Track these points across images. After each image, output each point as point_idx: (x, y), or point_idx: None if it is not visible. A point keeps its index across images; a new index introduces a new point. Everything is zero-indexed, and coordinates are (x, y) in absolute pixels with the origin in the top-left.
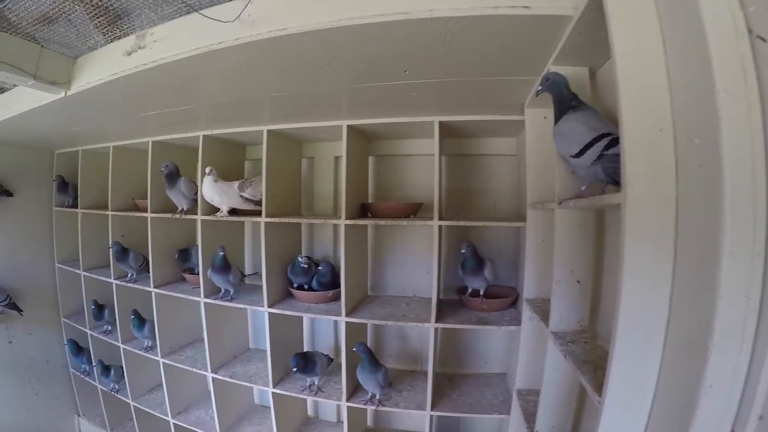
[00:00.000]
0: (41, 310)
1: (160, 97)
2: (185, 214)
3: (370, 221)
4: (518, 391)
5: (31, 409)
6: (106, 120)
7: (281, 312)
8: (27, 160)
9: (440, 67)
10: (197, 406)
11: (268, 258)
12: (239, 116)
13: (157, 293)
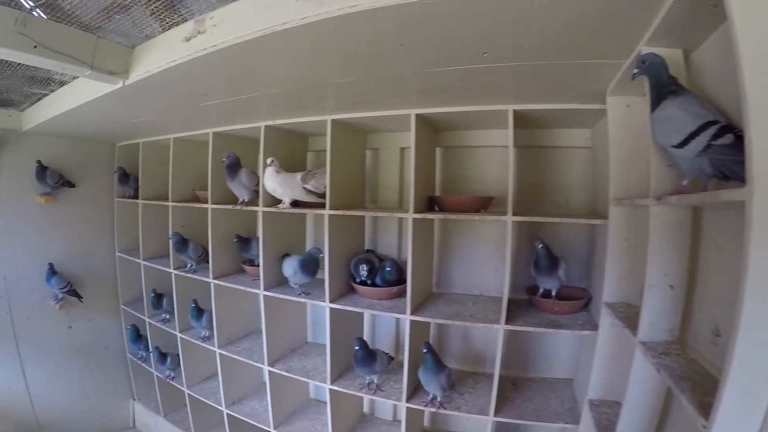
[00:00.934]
0: (101, 298)
1: (220, 84)
2: (246, 206)
3: (438, 215)
4: (590, 401)
5: (87, 392)
6: (166, 111)
7: (343, 308)
8: (89, 152)
9: (521, 48)
10: (251, 398)
11: (331, 252)
12: (302, 105)
13: (216, 284)
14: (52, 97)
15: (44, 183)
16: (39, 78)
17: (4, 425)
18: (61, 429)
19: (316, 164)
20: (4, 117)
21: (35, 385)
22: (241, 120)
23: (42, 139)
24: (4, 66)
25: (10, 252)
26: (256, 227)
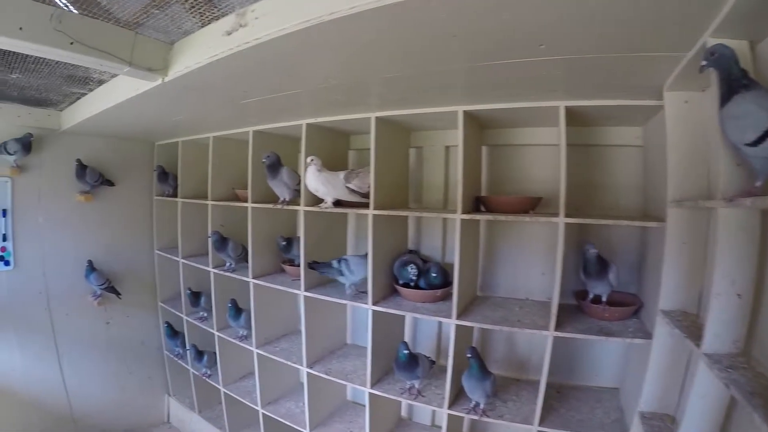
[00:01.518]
0: (139, 294)
1: (262, 79)
2: (287, 205)
3: (486, 216)
4: (642, 413)
5: (123, 387)
6: (206, 109)
7: (386, 311)
8: (128, 151)
9: (578, 41)
10: (288, 398)
11: (375, 253)
12: (345, 102)
13: (255, 284)
14: (90, 96)
15: (84, 181)
16: (77, 77)
17: (41, 417)
18: (96, 422)
19: (358, 163)
20: (44, 117)
21: (71, 379)
22: (282, 118)
23: (82, 138)
24: (42, 65)
25: (50, 249)
26: (296, 227)
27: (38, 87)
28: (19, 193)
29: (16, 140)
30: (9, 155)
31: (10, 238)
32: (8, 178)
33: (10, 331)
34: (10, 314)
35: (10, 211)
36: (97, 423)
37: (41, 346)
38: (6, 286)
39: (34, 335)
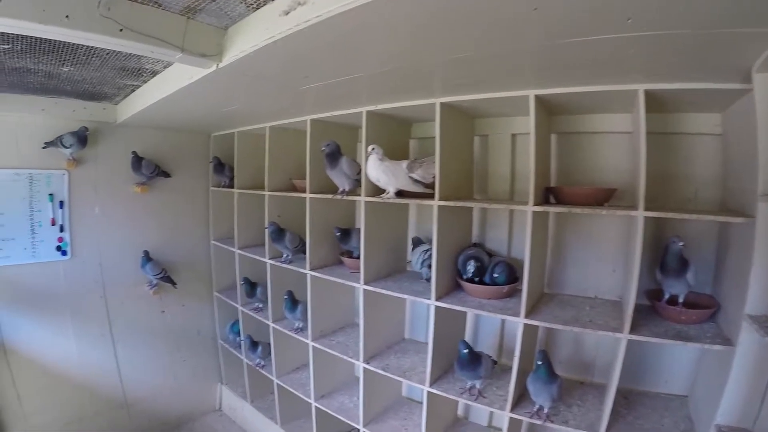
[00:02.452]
0: (195, 284)
1: (321, 63)
2: (347, 195)
3: (559, 208)
4: (718, 426)
5: (176, 374)
6: (263, 97)
7: (450, 307)
8: (184, 143)
9: (668, 15)
10: (341, 392)
11: (439, 246)
12: (408, 87)
13: (312, 276)
14: (144, 88)
15: (140, 173)
16: (130, 68)
17: (94, 401)
18: (148, 408)
19: (419, 152)
20: (99, 110)
21: (126, 366)
22: (341, 106)
23: (137, 130)
24: (92, 56)
25: (106, 239)
26: (355, 218)
27: (91, 80)
28: (76, 186)
29: (72, 134)
30: (65, 148)
31: (67, 228)
32: (65, 171)
33: (67, 318)
34: (67, 302)
35: (67, 202)
36: (149, 409)
37: (97, 334)
38: (63, 275)
39: (90, 323)
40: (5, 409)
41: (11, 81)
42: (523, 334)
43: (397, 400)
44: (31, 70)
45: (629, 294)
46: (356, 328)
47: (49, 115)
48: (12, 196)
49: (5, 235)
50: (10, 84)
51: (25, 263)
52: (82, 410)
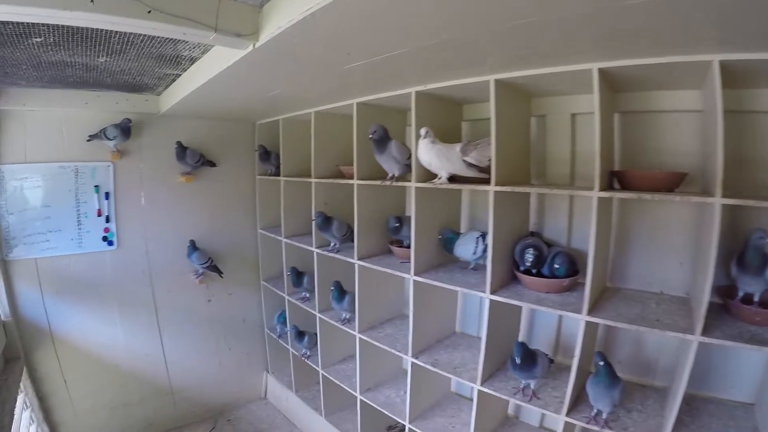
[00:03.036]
0: (241, 273)
1: (363, 36)
2: (396, 181)
3: (628, 194)
4: None
5: (222, 362)
6: (305, 79)
7: (506, 301)
8: (229, 132)
9: None
10: (388, 385)
11: (495, 235)
12: (459, 63)
13: (360, 265)
14: (184, 77)
15: (184, 163)
16: (168, 56)
17: (140, 388)
18: (193, 395)
19: (472, 135)
20: (142, 102)
21: (171, 353)
22: (388, 87)
23: (181, 120)
24: (127, 44)
25: (152, 229)
26: (405, 205)
27: (130, 71)
28: (121, 177)
29: (115, 126)
30: (109, 140)
31: (113, 219)
32: (110, 162)
33: (114, 307)
34: (114, 291)
35: (112, 193)
36: (195, 396)
37: (143, 322)
38: (110, 264)
39: (137, 311)
40: (53, 394)
41: (51, 75)
42: (584, 332)
43: (445, 396)
44: (68, 63)
45: (701, 291)
46: (405, 319)
47: (92, 108)
48: (58, 188)
49: (52, 227)
50: (50, 79)
51: (71, 254)
52: (127, 396)
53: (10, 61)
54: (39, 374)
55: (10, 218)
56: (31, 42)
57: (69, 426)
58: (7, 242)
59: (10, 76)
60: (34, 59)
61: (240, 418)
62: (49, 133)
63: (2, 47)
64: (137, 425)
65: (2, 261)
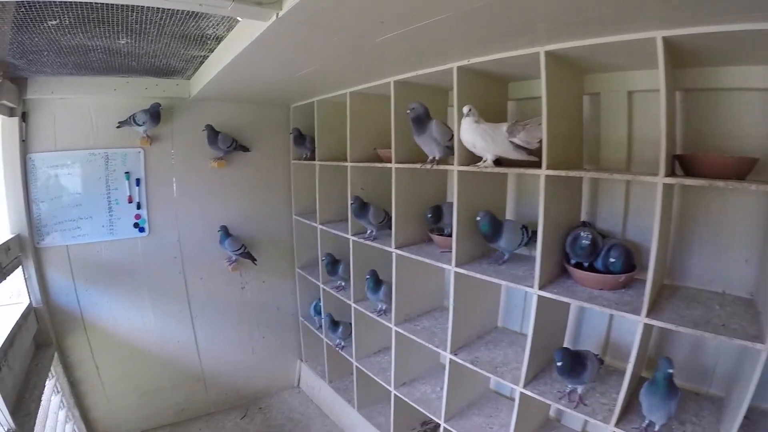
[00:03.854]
0: (276, 260)
1: (398, 3)
2: (437, 164)
3: (696, 181)
4: None
5: (255, 350)
6: (336, 54)
7: (556, 298)
8: (263, 116)
9: None
10: (423, 380)
11: (546, 223)
12: (505, 31)
13: (398, 254)
14: (211, 58)
15: (216, 147)
16: (191, 36)
17: (172, 374)
18: (225, 382)
19: (518, 116)
20: (172, 86)
21: (204, 341)
22: (427, 62)
23: (213, 104)
24: (147, 25)
25: (185, 215)
26: (446, 190)
27: (155, 53)
28: (152, 163)
29: (144, 111)
30: (138, 126)
31: (144, 206)
32: (141, 148)
33: (145, 293)
34: (145, 278)
35: (143, 180)
36: (226, 383)
37: (175, 309)
38: (141, 251)
39: (169, 298)
40: (84, 380)
41: (75, 61)
42: (643, 336)
43: (483, 394)
44: (89, 47)
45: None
46: (444, 312)
47: (121, 94)
48: (89, 175)
49: (83, 214)
50: (75, 65)
51: (103, 241)
52: (159, 382)
53: (30, 47)
54: (71, 360)
55: (41, 206)
56: (48, 25)
57: (100, 410)
58: (39, 230)
59: (34, 64)
60: (53, 44)
61: (272, 407)
62: (79, 120)
63: (20, 32)
64: (168, 410)
65: (34, 248)
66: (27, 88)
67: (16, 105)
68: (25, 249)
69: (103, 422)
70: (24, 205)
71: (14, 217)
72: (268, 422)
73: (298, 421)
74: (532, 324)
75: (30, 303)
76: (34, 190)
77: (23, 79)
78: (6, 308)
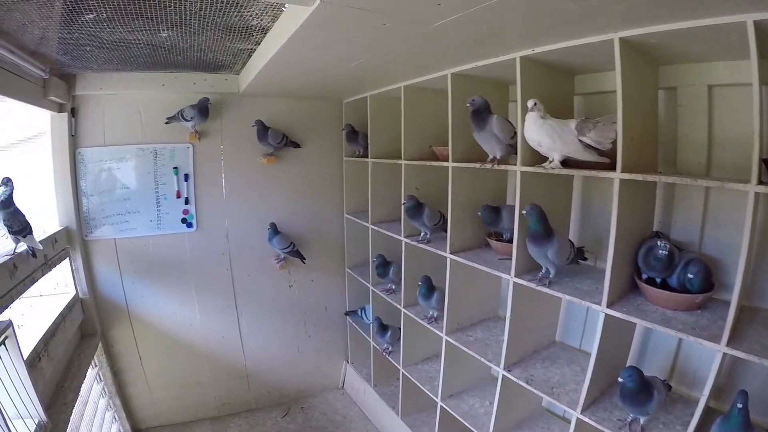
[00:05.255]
0: (325, 259)
1: None
2: (498, 164)
3: None
4: None
5: (301, 349)
6: (388, 42)
7: (626, 318)
8: (314, 111)
9: None
10: (472, 393)
11: (618, 233)
12: (573, 16)
13: (452, 260)
14: (259, 51)
15: (266, 143)
16: (235, 27)
17: (215, 368)
18: (268, 379)
19: (585, 112)
20: (221, 81)
21: (249, 337)
22: (487, 52)
23: (263, 100)
24: (187, 16)
25: (233, 212)
26: (506, 192)
27: (199, 47)
28: (201, 158)
29: (192, 106)
30: (186, 121)
31: (192, 201)
32: (189, 144)
33: (192, 288)
34: (192, 273)
35: (192, 175)
36: (270, 380)
37: (221, 304)
38: (189, 246)
39: (215, 293)
40: (127, 370)
41: (120, 57)
42: (719, 366)
43: (535, 412)
44: (131, 41)
45: None
46: (499, 322)
47: (169, 89)
48: (137, 170)
49: (131, 208)
50: (120, 60)
51: (150, 235)
52: (201, 375)
53: (72, 43)
54: (115, 350)
55: (90, 200)
56: (85, 19)
57: (142, 400)
58: (87, 223)
59: (79, 60)
60: (94, 39)
61: (314, 407)
62: (127, 115)
63: (58, 27)
64: (210, 404)
65: (82, 241)
66: (76, 84)
67: (65, 101)
68: (73, 241)
69: (143, 412)
70: (73, 199)
71: (63, 211)
72: (309, 422)
73: (340, 423)
74: (596, 345)
75: (76, 294)
76: (83, 184)
77: (72, 75)
78: (51, 298)
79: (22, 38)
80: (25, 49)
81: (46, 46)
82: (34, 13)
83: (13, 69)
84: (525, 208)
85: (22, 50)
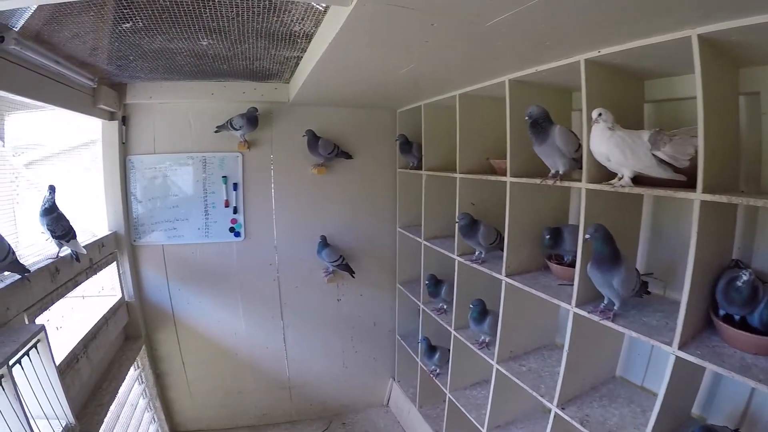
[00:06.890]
0: (375, 273)
1: None
2: (561, 180)
3: None
4: None
5: (347, 364)
6: (438, 46)
7: (699, 363)
8: (367, 121)
9: None
10: (521, 425)
11: (696, 262)
12: (644, 10)
13: (508, 283)
14: (305, 57)
15: (317, 153)
16: (278, 34)
17: (257, 378)
18: (311, 393)
19: (656, 122)
20: (270, 90)
21: (294, 349)
22: (547, 55)
23: (314, 109)
24: (225, 22)
25: (282, 222)
26: (567, 210)
27: (244, 55)
28: (250, 168)
29: (241, 116)
30: (235, 131)
31: (241, 210)
32: (239, 153)
33: (238, 297)
34: (239, 282)
35: (240, 184)
36: (312, 393)
37: (267, 315)
38: (236, 256)
39: (261, 303)
40: (170, 374)
41: (164, 66)
42: None
43: None
44: (173, 50)
45: None
46: (555, 351)
47: (219, 98)
48: (186, 178)
49: (180, 216)
50: (165, 69)
51: (198, 243)
52: (243, 384)
53: (114, 53)
54: (158, 353)
55: (139, 206)
56: (122, 28)
57: (183, 404)
58: (136, 228)
59: (125, 69)
60: (136, 48)
61: (356, 423)
62: (177, 124)
63: (99, 38)
64: (250, 413)
65: (130, 246)
66: (126, 93)
67: (116, 109)
68: (121, 246)
69: (183, 415)
70: (122, 205)
71: (112, 216)
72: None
73: None
74: (663, 390)
75: (122, 297)
76: (133, 190)
77: (122, 84)
78: (95, 300)
79: (71, 49)
80: (73, 60)
81: (95, 56)
82: (88, 25)
83: (62, 79)
84: (588, 230)
85: (69, 60)
